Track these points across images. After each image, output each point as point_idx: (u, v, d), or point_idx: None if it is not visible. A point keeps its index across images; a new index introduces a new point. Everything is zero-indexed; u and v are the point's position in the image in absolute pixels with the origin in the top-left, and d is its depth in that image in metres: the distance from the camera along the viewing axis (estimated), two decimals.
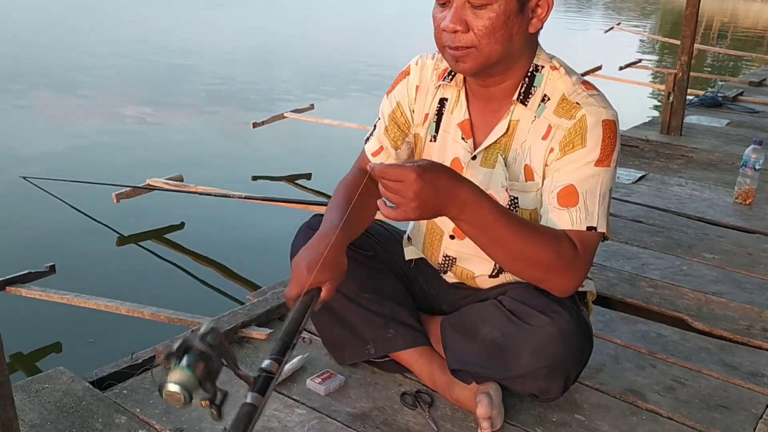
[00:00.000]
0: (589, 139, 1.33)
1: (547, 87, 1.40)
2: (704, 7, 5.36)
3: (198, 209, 3.77)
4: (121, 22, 11.53)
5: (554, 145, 1.36)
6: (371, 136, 1.63)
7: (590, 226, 1.33)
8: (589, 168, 1.33)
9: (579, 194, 1.33)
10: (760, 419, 1.61)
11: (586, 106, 1.35)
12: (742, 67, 11.12)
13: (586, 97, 1.37)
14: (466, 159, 1.47)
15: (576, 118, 1.34)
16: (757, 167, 3.15)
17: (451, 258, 1.57)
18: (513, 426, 1.52)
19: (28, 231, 3.44)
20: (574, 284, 1.33)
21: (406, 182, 1.14)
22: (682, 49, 4.41)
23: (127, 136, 5.34)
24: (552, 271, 1.30)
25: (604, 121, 1.34)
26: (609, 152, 1.34)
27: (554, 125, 1.37)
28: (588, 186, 1.33)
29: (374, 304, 1.60)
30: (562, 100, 1.38)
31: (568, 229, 1.32)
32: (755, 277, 2.40)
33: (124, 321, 2.30)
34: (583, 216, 1.32)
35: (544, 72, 1.41)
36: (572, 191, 1.33)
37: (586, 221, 1.32)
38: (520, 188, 1.42)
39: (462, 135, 1.48)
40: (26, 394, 1.53)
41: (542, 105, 1.40)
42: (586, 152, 1.33)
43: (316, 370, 1.67)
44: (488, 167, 1.45)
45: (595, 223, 1.33)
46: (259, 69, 8.51)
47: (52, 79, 7.00)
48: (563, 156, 1.35)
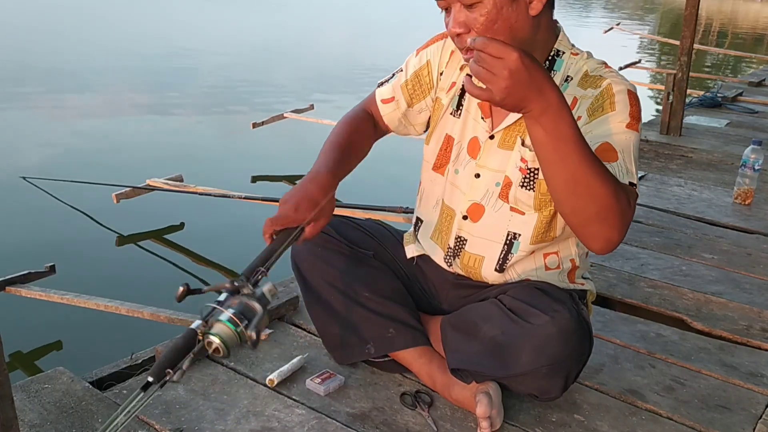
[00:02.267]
0: (618, 103, 1.33)
1: (569, 69, 1.42)
2: (704, 7, 5.36)
3: (198, 209, 3.77)
4: (120, 23, 11.53)
5: (581, 113, 1.36)
6: (386, 82, 1.63)
7: (632, 182, 1.29)
8: (621, 127, 1.32)
9: (617, 151, 1.30)
10: (759, 419, 1.61)
11: (611, 77, 1.37)
12: (742, 67, 11.12)
13: (609, 71, 1.39)
14: (484, 138, 1.48)
15: (601, 87, 1.36)
16: (756, 167, 3.16)
17: (462, 239, 1.55)
18: (512, 426, 1.52)
19: (28, 231, 3.45)
20: (619, 238, 1.24)
21: (506, 59, 1.06)
22: (682, 50, 4.41)
23: (127, 136, 5.34)
24: (606, 213, 1.19)
25: (628, 90, 1.36)
26: (636, 118, 1.34)
27: (579, 96, 1.38)
28: (623, 144, 1.31)
29: (374, 303, 1.60)
30: (584, 76, 1.40)
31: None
32: (754, 278, 2.41)
33: (124, 321, 2.30)
34: (624, 171, 1.28)
35: (564, 57, 1.43)
36: (609, 147, 1.30)
37: (628, 177, 1.28)
38: None
39: (481, 114, 1.49)
40: (26, 394, 1.53)
41: (565, 84, 1.41)
42: (616, 114, 1.32)
43: (316, 370, 1.67)
44: (506, 149, 1.46)
45: (635, 180, 1.29)
46: (259, 69, 8.52)
47: (51, 79, 7.00)
48: (592, 120, 1.34)
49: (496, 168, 1.48)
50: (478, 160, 1.50)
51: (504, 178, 1.47)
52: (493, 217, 1.51)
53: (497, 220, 1.51)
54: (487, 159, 1.48)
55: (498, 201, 1.50)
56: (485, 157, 1.48)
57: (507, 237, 1.51)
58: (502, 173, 1.47)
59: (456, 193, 1.55)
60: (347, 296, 1.61)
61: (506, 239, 1.52)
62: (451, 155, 1.55)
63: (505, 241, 1.52)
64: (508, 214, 1.50)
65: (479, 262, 1.56)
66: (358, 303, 1.60)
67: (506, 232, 1.51)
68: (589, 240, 1.25)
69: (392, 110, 1.62)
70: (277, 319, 1.92)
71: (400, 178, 4.46)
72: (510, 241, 1.52)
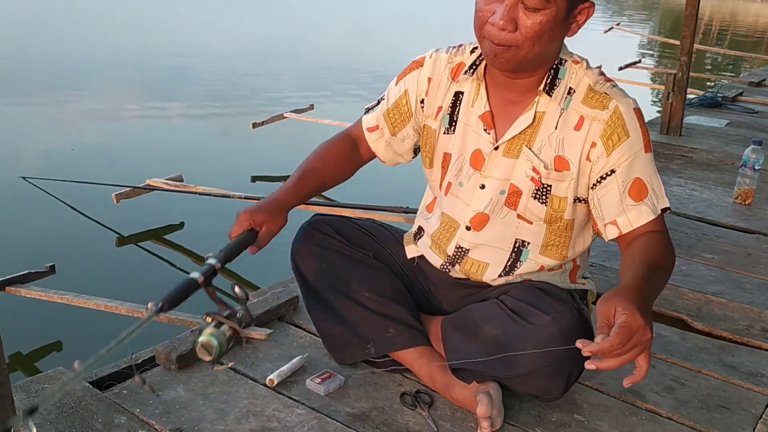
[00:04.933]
0: (630, 128, 1.39)
1: (571, 80, 1.43)
2: (704, 7, 5.36)
3: (198, 209, 3.77)
4: (120, 23, 11.52)
5: (595, 139, 1.40)
6: (372, 109, 1.65)
7: (664, 208, 1.44)
8: (641, 156, 1.41)
9: (647, 184, 1.41)
10: (759, 419, 1.61)
11: (615, 96, 1.40)
12: (742, 67, 11.12)
13: (611, 87, 1.42)
14: (488, 150, 1.48)
15: (610, 109, 1.39)
16: (756, 167, 3.15)
17: (463, 249, 1.56)
18: (512, 426, 1.52)
19: (28, 231, 3.44)
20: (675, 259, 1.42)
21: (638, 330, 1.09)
22: (682, 49, 4.41)
23: (127, 136, 5.34)
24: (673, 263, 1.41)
25: (634, 108, 1.41)
26: (648, 138, 1.43)
27: (587, 116, 1.40)
28: (649, 172, 1.42)
29: (374, 303, 1.60)
30: (589, 91, 1.42)
31: (650, 221, 1.41)
32: (755, 278, 2.41)
33: (124, 321, 2.30)
34: (656, 202, 1.42)
35: (566, 65, 1.44)
36: (640, 184, 1.41)
37: (660, 205, 1.43)
38: (557, 177, 1.44)
39: (484, 127, 1.49)
40: (26, 394, 1.53)
41: (568, 97, 1.42)
42: (633, 142, 1.39)
43: (316, 370, 1.67)
44: (511, 157, 1.47)
45: (666, 203, 1.44)
46: (259, 69, 8.51)
47: (51, 79, 6.99)
48: (612, 151, 1.39)
49: (501, 177, 1.48)
50: (483, 171, 1.50)
51: (510, 186, 1.48)
52: (500, 225, 1.51)
53: (504, 227, 1.51)
54: (493, 169, 1.48)
55: (504, 208, 1.50)
56: (490, 167, 1.48)
57: (515, 244, 1.52)
58: (508, 181, 1.48)
59: (458, 204, 1.55)
60: (347, 296, 1.61)
61: (514, 246, 1.52)
62: (451, 170, 1.55)
63: (513, 249, 1.52)
64: (515, 222, 1.50)
65: (483, 268, 1.56)
66: (358, 303, 1.60)
67: (514, 240, 1.52)
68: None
69: (377, 138, 1.65)
70: (277, 319, 1.92)
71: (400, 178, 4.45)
72: (518, 249, 1.52)
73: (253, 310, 1.89)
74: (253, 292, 2.12)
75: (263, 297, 1.98)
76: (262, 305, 1.91)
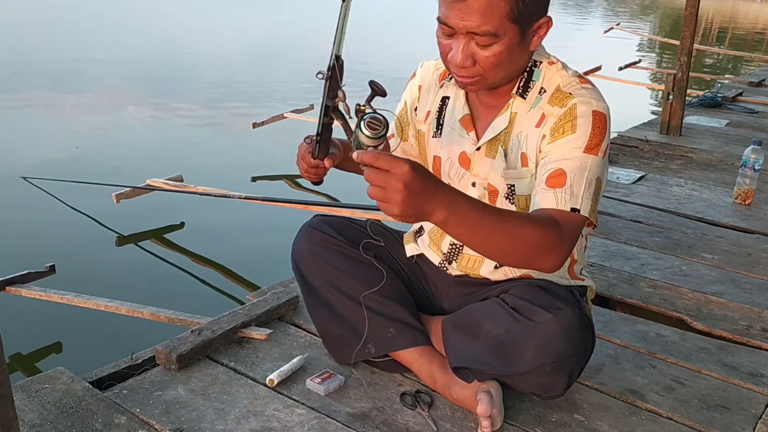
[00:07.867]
0: (579, 126, 1.36)
1: (544, 81, 1.44)
2: (704, 7, 5.37)
3: (198, 209, 3.77)
4: (121, 23, 11.52)
5: (545, 131, 1.40)
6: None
7: (574, 208, 1.33)
8: (577, 153, 1.36)
9: (567, 176, 1.34)
10: (759, 419, 1.61)
11: (578, 96, 1.39)
12: (742, 67, 11.12)
13: (580, 89, 1.40)
14: (471, 151, 1.52)
15: (567, 107, 1.38)
16: (756, 167, 3.16)
17: (457, 246, 1.60)
18: (513, 426, 1.52)
19: (28, 231, 3.44)
20: (558, 263, 1.30)
21: (397, 173, 1.09)
22: (682, 50, 4.41)
23: (127, 136, 5.34)
24: (539, 252, 1.27)
25: (594, 111, 1.37)
26: (597, 141, 1.36)
27: (547, 113, 1.41)
28: (576, 170, 1.35)
29: (374, 303, 1.60)
30: (556, 91, 1.42)
31: (552, 208, 1.33)
32: (754, 278, 2.41)
33: (124, 321, 2.30)
34: (568, 197, 1.33)
35: (542, 67, 1.45)
36: (561, 173, 1.35)
37: (571, 202, 1.33)
38: (516, 175, 1.46)
39: (466, 130, 1.53)
40: (26, 395, 1.53)
41: (539, 97, 1.44)
42: (575, 138, 1.36)
43: (316, 370, 1.67)
44: (490, 157, 1.50)
45: (579, 205, 1.33)
46: (259, 69, 8.52)
47: (51, 79, 6.99)
48: (553, 141, 1.38)
49: (484, 176, 1.52)
50: (471, 170, 1.53)
51: (488, 185, 1.51)
52: None
53: None
54: (479, 168, 1.52)
55: None
56: (476, 167, 1.52)
57: None
58: (486, 180, 1.51)
59: None
60: (347, 296, 1.61)
61: None
62: (443, 171, 1.59)
63: None
64: None
65: (479, 263, 1.59)
66: (358, 303, 1.61)
67: None
68: (534, 268, 1.32)
69: (396, 145, 1.70)
70: (277, 319, 1.92)
71: None
72: None
73: (252, 313, 1.89)
74: (254, 292, 2.12)
75: (263, 297, 1.98)
76: (262, 305, 1.92)
